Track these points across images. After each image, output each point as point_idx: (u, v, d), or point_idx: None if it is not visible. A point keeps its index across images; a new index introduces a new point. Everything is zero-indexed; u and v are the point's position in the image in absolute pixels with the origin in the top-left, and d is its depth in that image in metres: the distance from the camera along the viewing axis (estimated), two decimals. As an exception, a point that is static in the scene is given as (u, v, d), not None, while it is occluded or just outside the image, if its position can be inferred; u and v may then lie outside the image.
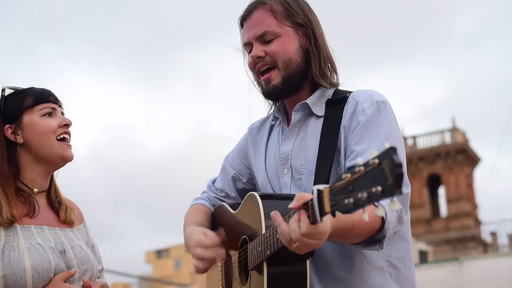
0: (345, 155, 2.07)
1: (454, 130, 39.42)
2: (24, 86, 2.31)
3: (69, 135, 2.28)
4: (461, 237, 36.15)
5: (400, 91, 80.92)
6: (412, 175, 38.96)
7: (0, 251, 2.05)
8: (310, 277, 1.95)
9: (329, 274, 2.06)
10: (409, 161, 39.15)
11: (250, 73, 2.26)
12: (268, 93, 2.20)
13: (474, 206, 39.38)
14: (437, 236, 36.22)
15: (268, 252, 1.87)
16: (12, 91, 2.30)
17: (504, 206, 63.53)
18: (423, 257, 24.65)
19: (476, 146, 68.17)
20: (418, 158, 38.99)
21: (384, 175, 1.35)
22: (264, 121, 2.41)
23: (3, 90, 2.29)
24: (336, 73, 2.22)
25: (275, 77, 2.15)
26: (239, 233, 2.16)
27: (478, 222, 38.49)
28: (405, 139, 40.08)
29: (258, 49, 2.16)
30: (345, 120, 2.09)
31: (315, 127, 2.16)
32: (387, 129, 2.04)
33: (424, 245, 26.37)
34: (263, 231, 1.93)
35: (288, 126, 2.25)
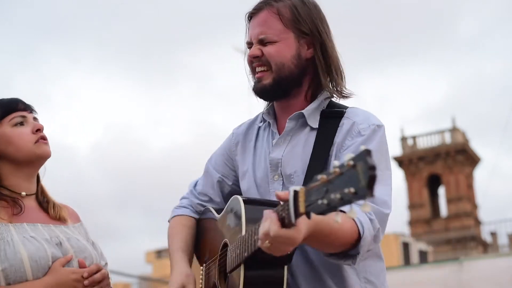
0: None
1: (454, 130, 39.43)
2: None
3: (44, 139, 2.29)
4: (461, 237, 36.14)
5: (404, 91, 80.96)
6: (412, 175, 38.99)
7: None
8: (298, 285, 1.99)
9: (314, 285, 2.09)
10: (409, 161, 39.16)
11: (248, 68, 2.29)
12: (256, 91, 2.23)
13: (474, 206, 39.38)
14: (437, 236, 36.23)
15: (245, 254, 1.87)
16: None
17: (504, 206, 63.54)
18: (423, 257, 24.66)
19: (476, 146, 68.18)
20: (418, 158, 38.99)
21: (357, 176, 1.36)
22: (251, 123, 2.42)
23: None
24: (343, 87, 2.23)
25: (267, 78, 2.18)
26: (221, 236, 2.17)
27: (478, 222, 38.49)
28: (405, 139, 40.10)
29: (256, 49, 2.19)
30: (339, 137, 2.12)
31: (307, 138, 2.18)
32: (378, 153, 2.07)
33: (424, 245, 26.38)
34: (243, 233, 1.94)
35: (278, 131, 2.26)
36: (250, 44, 2.24)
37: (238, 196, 2.10)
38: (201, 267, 2.34)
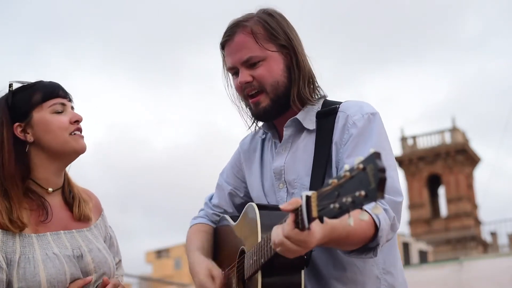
0: (337, 168, 2.10)
1: (454, 130, 39.44)
2: (32, 80, 2.23)
3: (80, 131, 2.21)
4: (461, 237, 36.17)
5: (407, 91, 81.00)
6: (412, 175, 39.00)
7: (15, 264, 2.02)
8: None
9: (324, 285, 2.09)
10: (409, 161, 39.17)
11: (232, 94, 2.28)
12: (258, 115, 2.22)
13: (474, 206, 39.40)
14: (437, 236, 36.25)
15: (262, 261, 1.88)
16: (20, 85, 2.21)
17: (504, 206, 63.59)
18: (423, 257, 24.69)
19: (476, 146, 68.23)
20: (418, 158, 39.00)
21: (368, 179, 1.37)
22: (254, 135, 2.43)
23: (10, 85, 2.19)
24: (318, 87, 2.23)
25: (264, 100, 2.16)
26: (238, 244, 2.19)
27: (478, 222, 38.51)
28: (405, 139, 40.10)
29: (245, 74, 2.16)
30: (336, 134, 2.12)
31: (307, 142, 2.19)
32: (377, 140, 2.08)
33: (424, 245, 26.40)
34: (259, 240, 1.95)
35: (279, 141, 2.27)
36: (232, 69, 2.21)
37: (253, 204, 2.11)
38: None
